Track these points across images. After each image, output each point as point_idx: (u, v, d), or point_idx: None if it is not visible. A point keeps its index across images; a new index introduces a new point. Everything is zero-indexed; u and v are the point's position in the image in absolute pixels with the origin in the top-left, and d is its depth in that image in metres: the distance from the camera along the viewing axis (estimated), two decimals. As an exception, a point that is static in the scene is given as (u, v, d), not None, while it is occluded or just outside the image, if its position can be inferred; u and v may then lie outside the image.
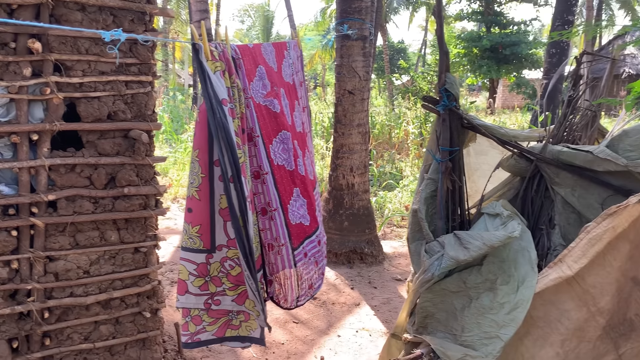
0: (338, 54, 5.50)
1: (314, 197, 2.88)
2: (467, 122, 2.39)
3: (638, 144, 2.16)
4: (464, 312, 2.24)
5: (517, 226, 2.21)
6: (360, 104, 5.51)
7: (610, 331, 2.21)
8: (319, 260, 2.81)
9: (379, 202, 7.72)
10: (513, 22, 24.35)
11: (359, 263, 5.59)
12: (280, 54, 2.70)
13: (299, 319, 4.37)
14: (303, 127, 2.93)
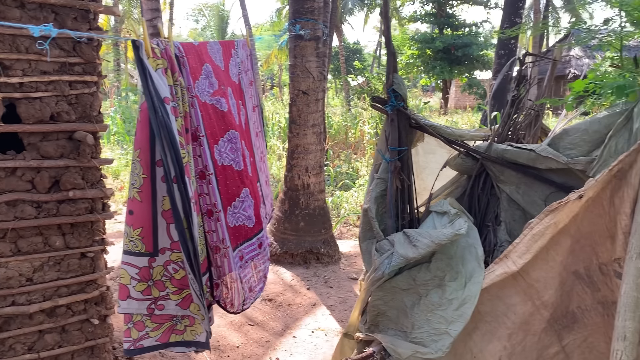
0: (291, 54, 5.49)
1: (260, 199, 2.85)
2: (415, 122, 2.43)
3: (577, 142, 2.24)
4: (414, 309, 2.27)
5: (463, 224, 2.26)
6: (315, 104, 5.52)
7: (554, 324, 2.29)
8: (259, 264, 2.78)
9: (335, 201, 7.76)
10: (465, 24, 24.97)
11: (315, 263, 5.60)
12: (228, 52, 2.67)
13: (254, 321, 4.33)
14: (254, 127, 2.90)
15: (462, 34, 24.15)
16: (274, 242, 5.69)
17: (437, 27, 25.41)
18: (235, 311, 2.63)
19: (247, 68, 2.88)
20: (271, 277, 5.28)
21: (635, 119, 2.03)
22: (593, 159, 2.15)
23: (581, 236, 2.13)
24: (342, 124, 13.53)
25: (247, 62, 2.89)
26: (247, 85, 2.88)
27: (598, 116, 2.18)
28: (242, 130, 2.70)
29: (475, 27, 25.08)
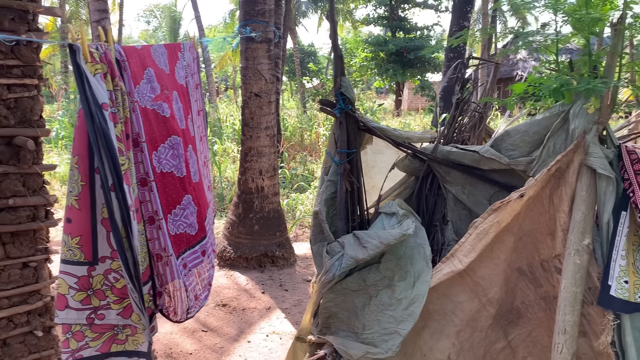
0: (243, 56, 5.46)
1: (206, 205, 2.80)
2: (363, 124, 2.45)
3: (518, 143, 2.31)
4: (365, 310, 2.29)
5: (411, 224, 2.29)
6: (268, 106, 5.50)
7: (500, 319, 2.36)
8: (203, 271, 2.74)
9: (291, 204, 7.75)
10: (416, 28, 25.44)
11: (270, 267, 5.57)
12: (174, 55, 2.62)
13: (208, 326, 4.27)
14: (198, 131, 2.86)
15: (414, 37, 24.61)
16: (228, 246, 5.63)
17: (389, 30, 25.79)
18: (178, 320, 2.58)
19: (193, 71, 2.84)
20: (225, 281, 5.23)
21: (571, 120, 2.12)
22: (533, 159, 2.23)
23: (523, 234, 2.20)
24: (297, 126, 13.54)
25: (194, 65, 2.84)
26: (193, 89, 2.83)
27: (537, 118, 2.26)
28: (187, 136, 2.65)
29: (426, 31, 25.59)
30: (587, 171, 2.05)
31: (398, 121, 17.38)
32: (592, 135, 2.05)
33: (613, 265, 1.93)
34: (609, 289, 1.93)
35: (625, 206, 1.95)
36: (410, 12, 25.96)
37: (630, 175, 1.98)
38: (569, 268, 2.01)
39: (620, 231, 1.94)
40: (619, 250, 1.93)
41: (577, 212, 2.04)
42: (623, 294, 1.90)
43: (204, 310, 4.55)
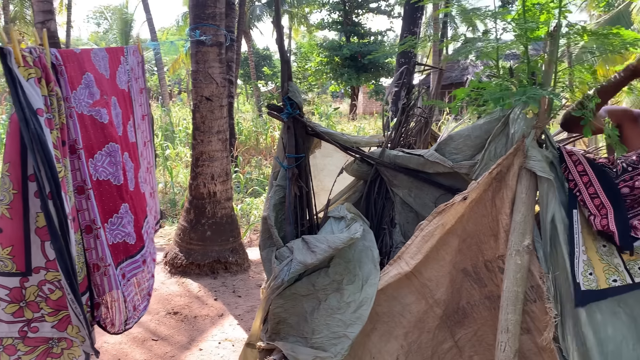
0: (193, 59, 5.38)
1: (143, 214, 2.73)
2: (312, 129, 2.46)
3: (461, 147, 2.37)
4: (314, 315, 2.29)
5: (359, 227, 2.31)
6: (219, 110, 5.44)
7: (447, 320, 2.40)
8: (142, 281, 2.68)
9: (245, 209, 7.69)
10: (370, 33, 25.80)
11: (223, 273, 5.50)
12: (116, 59, 2.55)
13: (158, 335, 4.17)
14: (142, 136, 2.79)
15: (367, 42, 24.94)
16: (180, 253, 5.52)
17: (344, 35, 26.05)
18: (116, 331, 2.51)
19: (137, 75, 2.77)
20: (177, 289, 5.13)
21: (511, 124, 2.18)
22: (475, 162, 2.29)
23: (467, 235, 2.25)
24: (252, 130, 13.45)
25: (138, 69, 2.78)
26: (137, 93, 2.77)
27: (479, 122, 2.32)
28: (126, 142, 2.59)
29: (380, 36, 25.99)
30: (527, 174, 2.11)
31: (353, 125, 17.52)
32: (530, 139, 2.11)
33: (577, 262, 1.98)
34: (579, 286, 1.96)
35: (574, 204, 2.02)
36: (364, 18, 26.30)
37: (575, 176, 2.06)
38: (511, 268, 2.07)
39: (577, 228, 1.99)
40: (579, 247, 1.98)
41: (518, 214, 2.10)
42: (590, 285, 1.94)
43: (155, 318, 4.45)
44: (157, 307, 4.67)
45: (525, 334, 2.21)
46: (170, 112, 17.17)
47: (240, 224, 6.74)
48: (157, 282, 5.23)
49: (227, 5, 8.12)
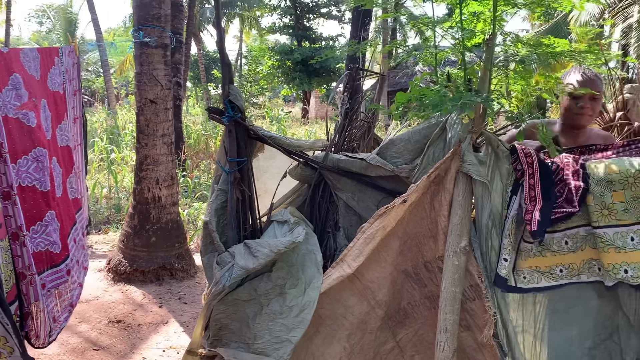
0: (137, 61, 5.26)
1: (70, 222, 2.63)
2: (254, 132, 2.45)
3: (401, 151, 2.41)
4: (256, 320, 2.27)
5: (302, 231, 2.31)
6: (164, 113, 5.33)
7: (389, 321, 2.44)
8: (64, 292, 2.58)
9: (192, 214, 7.55)
10: (321, 37, 25.97)
11: (169, 279, 5.38)
12: (48, 60, 2.45)
13: (99, 345, 4.03)
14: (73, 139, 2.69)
15: (319, 46, 25.09)
16: (123, 259, 5.36)
17: (295, 39, 26.11)
18: (41, 345, 2.40)
19: (72, 77, 2.68)
20: (120, 297, 4.98)
21: (448, 129, 2.25)
22: (415, 166, 2.34)
23: (408, 237, 2.29)
24: (201, 133, 13.25)
25: (73, 70, 2.68)
26: (71, 95, 2.67)
27: (418, 127, 2.37)
28: (55, 147, 2.49)
29: (331, 41, 26.20)
30: (463, 177, 2.17)
31: (305, 129, 17.56)
32: (466, 143, 2.17)
33: (503, 244, 2.06)
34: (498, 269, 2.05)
35: (515, 191, 2.07)
36: (315, 23, 26.46)
37: (524, 165, 2.13)
38: (448, 269, 2.12)
39: (509, 213, 2.05)
40: (505, 231, 2.04)
41: (455, 216, 2.16)
42: (500, 271, 2.03)
43: (96, 328, 4.30)
44: (98, 316, 4.52)
45: (466, 331, 2.28)
46: (117, 115, 16.68)
47: (187, 229, 6.63)
48: (99, 290, 5.06)
49: (175, 7, 8.00)
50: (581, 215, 2.00)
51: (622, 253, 1.91)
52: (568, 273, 2.03)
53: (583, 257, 2.02)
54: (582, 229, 2.00)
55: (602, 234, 1.94)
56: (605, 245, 1.94)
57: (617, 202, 1.93)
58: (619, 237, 1.92)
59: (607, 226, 1.94)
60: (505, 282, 2.04)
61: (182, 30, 9.09)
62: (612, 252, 1.93)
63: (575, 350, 2.07)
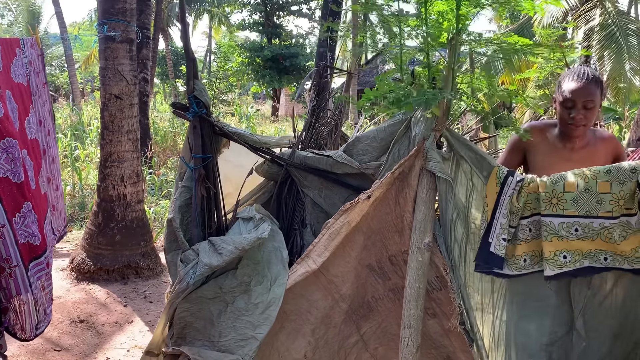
0: (102, 56, 5.14)
1: (43, 214, 2.57)
2: (219, 129, 2.42)
3: (367, 148, 2.43)
4: (221, 318, 2.25)
5: (266, 227, 2.31)
6: (130, 109, 5.23)
7: (353, 314, 2.46)
8: (46, 284, 2.53)
9: (159, 212, 7.44)
10: (292, 35, 25.89)
11: (134, 278, 5.29)
12: (10, 51, 2.38)
13: (61, 345, 3.94)
14: (44, 132, 2.63)
15: (289, 44, 25.00)
16: (87, 258, 5.25)
17: (265, 37, 25.96)
18: (27, 337, 2.35)
19: (37, 69, 2.61)
20: (83, 296, 4.87)
21: (413, 127, 2.27)
22: (380, 163, 2.35)
23: (372, 232, 2.31)
24: (169, 130, 13.05)
25: (38, 62, 2.61)
26: (40, 87, 2.60)
27: (384, 125, 2.39)
28: (24, 139, 2.42)
29: (302, 39, 26.15)
30: (427, 175, 2.20)
31: (275, 127, 17.48)
32: (430, 141, 2.20)
33: (495, 223, 2.03)
34: (489, 245, 2.03)
35: (512, 173, 2.06)
36: (285, 20, 26.35)
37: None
38: (412, 265, 2.15)
39: (505, 192, 2.03)
40: (501, 209, 2.02)
41: (419, 213, 2.18)
42: (499, 251, 2.01)
43: (58, 328, 4.20)
44: (60, 315, 4.41)
45: (432, 319, 2.34)
46: (82, 111, 16.29)
47: (153, 227, 6.53)
48: (62, 290, 4.94)
49: (142, 2, 7.85)
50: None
51: (564, 241, 1.95)
52: (531, 262, 2.04)
53: (538, 246, 2.03)
54: (538, 217, 2.02)
55: (548, 222, 1.97)
56: (549, 234, 1.96)
57: (568, 192, 1.96)
58: (564, 228, 1.95)
59: (554, 215, 1.97)
60: (502, 261, 2.02)
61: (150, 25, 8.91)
62: (554, 240, 1.95)
63: (532, 344, 2.11)
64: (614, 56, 11.80)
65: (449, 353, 2.39)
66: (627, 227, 1.93)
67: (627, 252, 1.93)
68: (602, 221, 1.93)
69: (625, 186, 1.92)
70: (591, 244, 1.94)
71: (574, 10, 13.02)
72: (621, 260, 1.93)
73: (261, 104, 31.44)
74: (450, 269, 2.18)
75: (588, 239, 1.94)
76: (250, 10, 26.18)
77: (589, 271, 1.96)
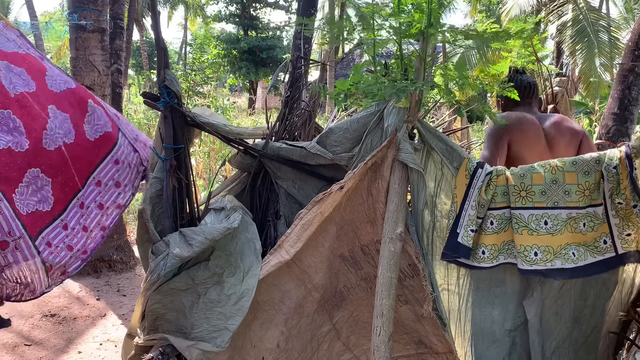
0: (73, 45, 5.03)
1: (61, 174, 2.47)
2: (191, 119, 2.40)
3: (341, 139, 2.43)
4: (193, 309, 2.25)
5: (237, 217, 2.30)
6: (102, 100, 5.13)
7: (325, 304, 2.48)
8: (74, 244, 2.46)
9: (133, 204, 7.33)
10: (268, 27, 25.71)
11: (107, 271, 5.23)
12: None
13: (32, 340, 3.87)
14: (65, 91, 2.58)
15: (265, 36, 24.84)
16: (59, 252, 5.16)
17: (242, 29, 25.73)
18: (35, 296, 2.33)
19: (27, 46, 2.58)
20: (55, 290, 4.76)
21: (386, 118, 2.28)
22: (353, 155, 2.36)
23: (344, 223, 2.33)
24: (144, 122, 12.89)
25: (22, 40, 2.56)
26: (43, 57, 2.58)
27: (357, 116, 2.39)
28: (48, 95, 2.38)
29: (279, 31, 26.00)
30: (399, 165, 2.22)
31: (251, 119, 17.37)
32: (402, 132, 2.22)
33: (464, 215, 2.08)
34: (457, 236, 2.08)
35: (482, 165, 2.11)
36: (262, 12, 26.15)
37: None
38: (385, 255, 2.17)
39: (475, 184, 2.08)
40: (470, 201, 2.07)
41: (391, 204, 2.21)
42: (467, 242, 2.06)
43: (28, 322, 4.13)
44: (31, 309, 4.33)
45: (404, 305, 2.39)
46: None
47: (127, 220, 6.45)
48: (32, 284, 4.85)
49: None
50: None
51: (534, 236, 1.99)
52: (490, 256, 2.09)
53: (504, 239, 2.08)
54: (507, 211, 2.07)
55: (519, 215, 2.02)
56: (520, 226, 2.01)
57: (536, 185, 2.01)
58: (533, 220, 2.00)
59: (523, 208, 2.02)
60: (469, 252, 2.07)
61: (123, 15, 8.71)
62: (525, 233, 2.00)
63: (497, 330, 2.16)
64: (585, 51, 12.04)
65: (421, 337, 2.44)
66: (594, 218, 1.99)
67: (589, 241, 1.98)
68: (570, 211, 1.98)
69: (590, 177, 1.97)
70: (560, 238, 1.98)
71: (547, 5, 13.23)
72: (584, 251, 1.98)
73: (238, 97, 31.19)
74: (422, 257, 2.22)
75: (557, 233, 1.98)
76: (226, 2, 25.92)
77: (558, 274, 1.98)
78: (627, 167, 1.91)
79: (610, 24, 12.66)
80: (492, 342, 2.18)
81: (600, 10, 15.68)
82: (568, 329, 2.15)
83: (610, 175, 1.94)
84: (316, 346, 2.52)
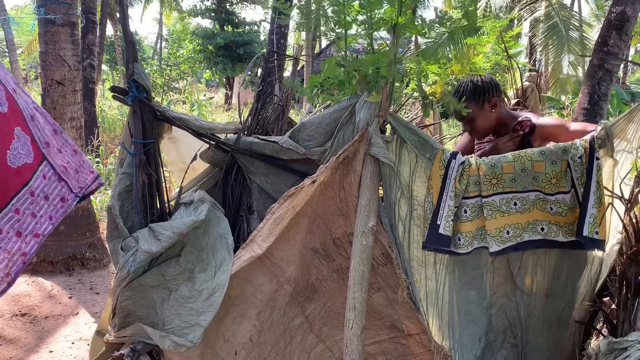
0: (42, 40, 4.93)
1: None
2: (161, 114, 2.37)
3: (313, 134, 2.43)
4: (164, 305, 2.23)
5: (204, 208, 2.28)
6: (73, 95, 5.05)
7: (297, 296, 2.48)
8: (23, 230, 2.38)
9: (105, 201, 7.24)
10: (245, 22, 25.49)
11: (79, 269, 5.15)
12: None
13: (3, 338, 3.80)
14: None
15: (242, 32, 24.62)
16: (29, 250, 5.06)
17: (218, 24, 25.45)
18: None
19: None
20: (26, 289, 4.70)
21: (357, 113, 2.29)
22: (326, 149, 2.37)
23: (317, 216, 2.34)
24: (117, 118, 12.69)
25: None
26: None
27: (329, 111, 2.40)
28: None
29: (255, 26, 25.79)
30: (371, 160, 2.24)
31: (228, 115, 17.25)
32: (373, 126, 2.23)
33: (443, 206, 2.15)
34: (438, 227, 2.15)
35: (455, 155, 2.19)
36: (238, 7, 25.91)
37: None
38: (357, 249, 2.18)
39: (450, 175, 2.15)
40: (448, 192, 2.14)
41: (363, 198, 2.22)
42: (448, 232, 2.13)
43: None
44: (2, 308, 4.25)
45: (377, 292, 2.43)
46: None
47: (100, 217, 6.36)
48: (1, 283, 4.75)
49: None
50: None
51: (505, 217, 2.12)
52: (465, 242, 2.16)
53: (477, 225, 2.17)
54: (479, 199, 2.16)
55: (491, 201, 2.13)
56: (493, 211, 2.13)
57: (506, 173, 2.13)
58: (504, 203, 2.13)
59: (495, 194, 2.14)
60: (450, 240, 2.14)
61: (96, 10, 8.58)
62: (497, 217, 2.12)
63: (474, 309, 2.23)
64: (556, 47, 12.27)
65: (394, 321, 2.48)
66: (563, 204, 2.12)
67: (562, 223, 2.10)
68: (538, 193, 2.12)
69: (557, 166, 2.09)
70: (529, 215, 2.12)
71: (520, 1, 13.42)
72: (556, 230, 2.10)
73: (214, 92, 30.93)
74: (395, 246, 2.25)
75: (526, 211, 2.12)
76: (202, -4, 25.61)
77: (529, 244, 2.13)
78: (587, 157, 2.02)
79: (582, 24, 12.92)
80: (470, 321, 2.26)
81: (572, 8, 15.97)
82: (542, 305, 2.27)
83: (576, 164, 2.04)
84: (289, 339, 2.53)
